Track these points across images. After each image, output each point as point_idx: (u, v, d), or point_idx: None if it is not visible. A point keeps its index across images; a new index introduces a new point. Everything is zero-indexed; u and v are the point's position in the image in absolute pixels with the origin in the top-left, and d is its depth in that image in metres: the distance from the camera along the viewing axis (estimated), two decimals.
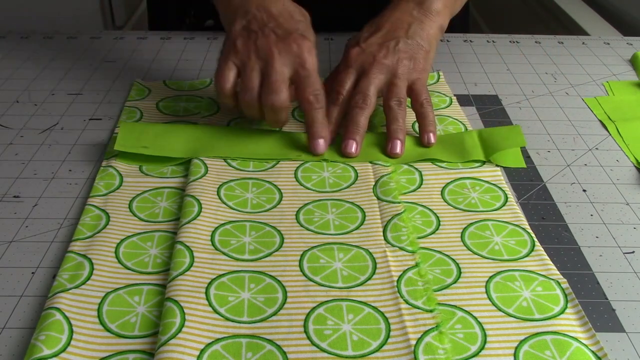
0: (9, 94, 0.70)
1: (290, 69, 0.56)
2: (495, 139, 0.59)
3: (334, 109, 0.60)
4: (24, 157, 0.58)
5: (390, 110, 0.59)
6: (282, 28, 0.57)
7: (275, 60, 0.55)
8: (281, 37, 0.56)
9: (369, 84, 0.59)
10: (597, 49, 0.84)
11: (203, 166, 0.55)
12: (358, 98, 0.59)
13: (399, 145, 0.58)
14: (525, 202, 0.53)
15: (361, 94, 0.59)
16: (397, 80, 0.60)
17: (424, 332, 0.40)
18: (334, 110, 0.60)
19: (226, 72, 0.56)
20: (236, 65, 0.56)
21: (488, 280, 0.44)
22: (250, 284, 0.44)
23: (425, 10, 0.64)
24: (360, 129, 0.58)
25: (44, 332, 0.39)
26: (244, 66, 0.56)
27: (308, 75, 0.56)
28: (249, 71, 0.55)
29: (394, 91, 0.60)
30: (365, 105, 0.58)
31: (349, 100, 0.60)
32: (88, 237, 0.47)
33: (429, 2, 0.65)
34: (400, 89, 0.60)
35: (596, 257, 0.47)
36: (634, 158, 0.59)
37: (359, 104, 0.58)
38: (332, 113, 0.59)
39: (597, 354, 0.39)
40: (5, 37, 0.84)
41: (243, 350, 0.39)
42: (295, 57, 0.55)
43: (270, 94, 0.55)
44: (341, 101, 0.60)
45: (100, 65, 0.76)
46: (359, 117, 0.58)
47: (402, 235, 0.48)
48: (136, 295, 0.43)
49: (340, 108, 0.60)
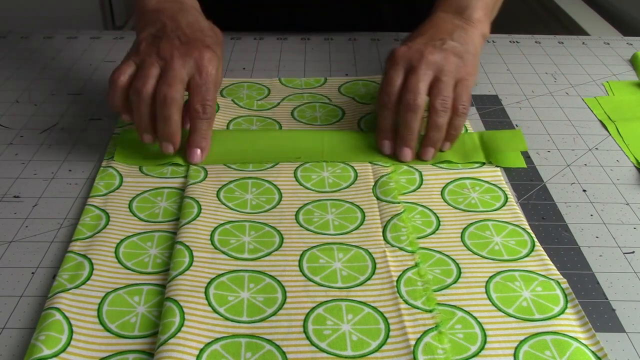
0: (9, 94, 0.70)
1: (188, 73, 0.54)
2: (496, 142, 0.59)
3: (388, 115, 0.58)
4: (24, 157, 0.58)
5: (435, 113, 0.56)
6: (188, 37, 0.56)
7: (174, 60, 0.54)
8: (184, 42, 0.55)
9: (417, 81, 0.56)
10: (597, 49, 0.83)
11: (202, 170, 0.55)
12: (409, 97, 0.56)
13: (431, 154, 0.57)
14: (525, 202, 0.53)
15: (412, 92, 0.56)
16: (444, 77, 0.57)
17: (423, 332, 0.40)
18: (388, 117, 0.58)
19: (123, 67, 0.55)
20: (135, 63, 0.55)
21: (488, 281, 0.44)
22: (249, 283, 0.44)
23: (466, 19, 0.63)
24: (415, 134, 0.56)
25: (44, 332, 0.39)
26: (143, 62, 0.55)
27: (203, 84, 0.54)
28: (147, 65, 0.54)
29: (440, 88, 0.57)
30: (417, 106, 0.56)
31: (398, 100, 0.57)
32: (88, 237, 0.47)
33: (469, 11, 0.64)
34: (447, 85, 0.57)
35: (596, 257, 0.47)
36: (634, 158, 0.59)
37: (411, 105, 0.56)
38: (387, 120, 0.58)
39: (597, 354, 0.39)
40: (5, 37, 0.84)
41: (242, 350, 0.39)
42: (194, 62, 0.54)
43: (164, 85, 0.53)
44: (393, 103, 0.57)
45: (100, 65, 0.76)
46: (412, 122, 0.56)
47: (401, 236, 0.48)
48: (136, 295, 0.43)
49: (393, 113, 0.57)
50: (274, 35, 0.85)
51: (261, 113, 0.65)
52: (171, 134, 0.54)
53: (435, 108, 0.56)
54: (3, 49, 0.81)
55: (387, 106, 0.57)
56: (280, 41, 0.83)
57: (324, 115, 0.65)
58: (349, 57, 0.79)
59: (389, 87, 0.57)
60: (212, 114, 0.56)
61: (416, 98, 0.56)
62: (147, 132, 0.55)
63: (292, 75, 0.74)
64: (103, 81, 0.72)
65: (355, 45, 0.82)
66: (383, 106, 0.58)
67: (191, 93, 0.55)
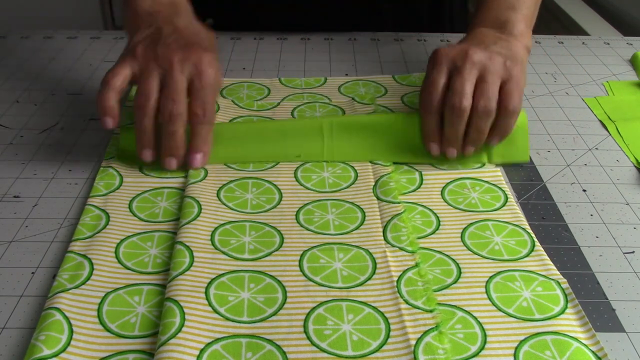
0: (9, 94, 0.70)
1: (187, 78, 0.53)
2: (501, 146, 0.58)
3: (432, 119, 0.56)
4: (24, 157, 0.58)
5: (476, 115, 0.54)
6: (185, 39, 0.56)
7: (174, 68, 0.53)
8: (182, 46, 0.54)
9: (463, 82, 0.54)
10: (597, 49, 0.83)
11: (202, 169, 0.55)
12: (455, 100, 0.54)
13: (471, 151, 0.56)
14: (525, 202, 0.53)
15: (457, 95, 0.54)
16: (489, 77, 0.54)
17: (423, 332, 0.40)
18: (432, 121, 0.56)
19: (117, 69, 0.54)
20: (132, 69, 0.54)
21: (488, 280, 0.44)
22: (250, 283, 0.44)
23: (508, 35, 0.60)
24: (460, 135, 0.55)
25: (44, 332, 0.39)
26: (142, 71, 0.54)
27: (202, 87, 0.53)
28: (146, 76, 0.53)
29: (484, 89, 0.54)
30: (463, 110, 0.54)
31: (443, 102, 0.55)
32: (88, 237, 0.47)
33: (510, 26, 0.60)
34: (492, 86, 0.54)
35: (596, 257, 0.47)
36: (634, 158, 0.59)
37: (457, 109, 0.54)
38: (431, 124, 0.56)
39: (597, 354, 0.39)
40: (5, 37, 0.84)
41: (243, 350, 0.39)
42: (194, 66, 0.53)
43: (169, 101, 0.52)
44: (436, 107, 0.55)
45: (100, 65, 0.76)
46: (458, 125, 0.54)
47: (402, 236, 0.48)
48: (136, 295, 0.43)
49: (438, 116, 0.56)
50: (274, 35, 0.85)
51: (261, 113, 0.65)
52: (176, 148, 0.54)
53: (478, 111, 0.54)
54: (3, 49, 0.81)
55: (431, 110, 0.55)
56: (280, 41, 0.83)
57: (324, 115, 0.65)
58: (349, 57, 0.79)
59: (433, 89, 0.55)
60: (212, 117, 0.54)
61: (462, 101, 0.54)
62: (148, 149, 0.54)
63: (292, 75, 0.74)
64: None
65: (355, 45, 0.82)
66: (427, 110, 0.56)
67: (192, 97, 0.54)
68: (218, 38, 0.83)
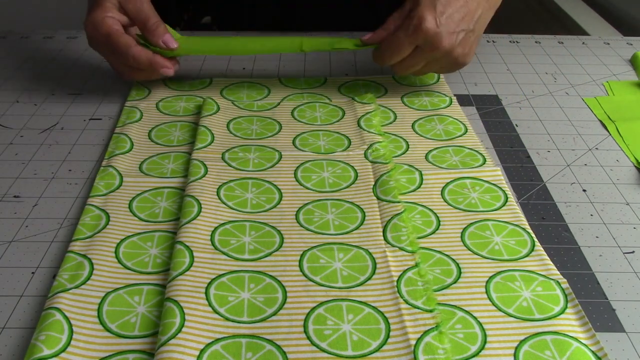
0: (9, 94, 0.70)
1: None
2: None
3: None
4: (24, 157, 0.58)
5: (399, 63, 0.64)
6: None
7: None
8: None
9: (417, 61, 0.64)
10: (597, 49, 0.84)
11: (203, 167, 0.55)
12: (399, 69, 0.64)
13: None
14: (525, 202, 0.53)
15: (408, 67, 0.64)
16: (435, 65, 0.64)
17: (423, 332, 0.40)
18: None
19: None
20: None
21: (488, 280, 0.44)
22: (250, 284, 0.44)
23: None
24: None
25: (44, 332, 0.39)
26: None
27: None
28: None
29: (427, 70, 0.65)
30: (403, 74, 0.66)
31: None
32: (88, 237, 0.47)
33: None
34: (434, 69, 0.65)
35: (596, 257, 0.47)
36: (634, 158, 0.59)
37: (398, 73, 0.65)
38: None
39: (597, 354, 0.39)
40: (5, 37, 0.84)
41: (243, 350, 0.39)
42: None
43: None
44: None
45: (100, 65, 0.76)
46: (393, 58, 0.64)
47: (402, 236, 0.48)
48: (136, 295, 0.43)
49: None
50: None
51: (261, 113, 0.65)
52: (149, 64, 0.64)
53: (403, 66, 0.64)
54: (3, 49, 0.81)
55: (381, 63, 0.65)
56: None
57: (324, 115, 0.65)
58: (349, 57, 0.79)
59: (397, 53, 0.62)
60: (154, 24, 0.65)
61: (405, 71, 0.64)
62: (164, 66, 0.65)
63: (292, 75, 0.74)
64: (103, 81, 0.72)
65: None
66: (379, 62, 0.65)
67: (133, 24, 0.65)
68: None
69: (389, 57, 0.63)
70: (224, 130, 0.62)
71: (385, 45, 0.63)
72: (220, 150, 0.58)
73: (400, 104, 0.68)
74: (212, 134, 0.60)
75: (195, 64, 0.77)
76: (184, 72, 0.75)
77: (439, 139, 0.61)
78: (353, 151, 0.59)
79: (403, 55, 0.62)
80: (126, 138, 0.60)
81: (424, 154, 0.59)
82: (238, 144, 0.60)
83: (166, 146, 0.60)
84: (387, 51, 0.63)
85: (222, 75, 0.74)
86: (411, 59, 0.63)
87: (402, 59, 0.63)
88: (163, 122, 0.64)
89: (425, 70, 0.65)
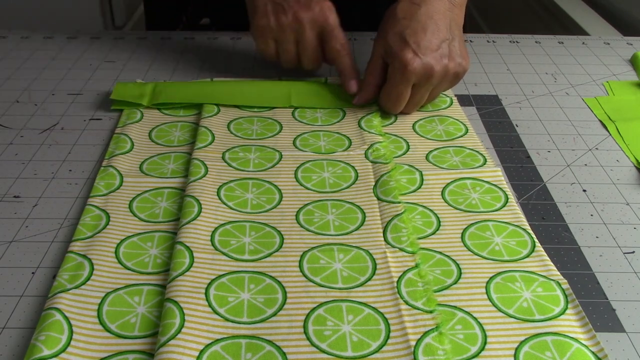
0: (9, 94, 0.70)
1: (318, 29, 0.66)
2: None
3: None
4: (24, 157, 0.58)
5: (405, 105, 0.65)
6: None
7: (305, 30, 0.65)
8: (303, 4, 0.66)
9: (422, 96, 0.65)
10: (597, 49, 0.84)
11: (203, 167, 0.55)
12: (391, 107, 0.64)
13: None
14: (525, 202, 0.53)
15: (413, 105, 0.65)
16: (436, 89, 0.64)
17: (423, 333, 0.40)
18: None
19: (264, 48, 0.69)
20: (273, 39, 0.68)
21: (488, 281, 0.44)
22: (250, 284, 0.44)
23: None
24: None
25: (44, 332, 0.39)
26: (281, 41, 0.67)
27: (332, 29, 0.66)
28: (285, 45, 0.67)
29: (421, 98, 0.65)
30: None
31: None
32: (88, 237, 0.47)
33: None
34: (431, 93, 0.65)
35: (596, 257, 0.47)
36: (634, 158, 0.59)
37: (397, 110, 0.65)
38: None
39: (597, 355, 0.39)
40: (6, 37, 0.84)
41: (243, 350, 0.39)
42: (318, 16, 0.65)
43: (307, 59, 0.68)
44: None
45: (100, 65, 0.76)
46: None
47: (402, 236, 0.48)
48: (136, 296, 0.43)
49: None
50: None
51: (262, 114, 0.65)
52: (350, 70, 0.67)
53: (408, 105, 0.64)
54: (3, 49, 0.81)
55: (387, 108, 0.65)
56: None
57: (324, 115, 0.65)
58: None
59: (400, 101, 0.63)
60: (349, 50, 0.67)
61: (413, 110, 0.66)
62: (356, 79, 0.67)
63: (293, 76, 0.74)
64: (103, 81, 0.72)
65: (355, 45, 0.82)
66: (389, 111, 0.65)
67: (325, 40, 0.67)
68: (218, 38, 0.84)
69: (395, 107, 0.64)
70: (225, 131, 0.62)
71: (385, 100, 0.64)
72: (221, 150, 0.58)
73: None
74: (212, 134, 0.60)
75: (196, 64, 0.77)
76: (184, 72, 0.75)
77: (440, 140, 0.61)
78: (354, 151, 0.59)
79: (406, 99, 0.63)
80: (126, 138, 0.60)
81: (424, 155, 0.59)
82: (238, 144, 0.60)
83: (166, 146, 0.60)
84: (389, 103, 0.64)
85: (222, 75, 0.74)
86: (414, 96, 0.63)
87: (415, 104, 0.64)
88: (163, 122, 0.64)
89: (433, 96, 0.65)
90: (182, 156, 0.58)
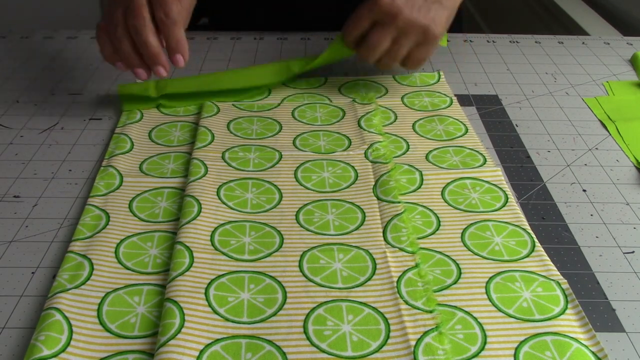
0: (9, 94, 0.70)
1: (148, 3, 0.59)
2: None
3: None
4: (24, 157, 0.58)
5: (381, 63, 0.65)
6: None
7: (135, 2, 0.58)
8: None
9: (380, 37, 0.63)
10: (597, 49, 0.83)
11: (203, 166, 0.55)
12: (365, 54, 0.64)
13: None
14: (525, 202, 0.53)
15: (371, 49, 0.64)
16: (403, 39, 0.63)
17: (423, 333, 0.40)
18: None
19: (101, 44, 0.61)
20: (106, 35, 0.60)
21: (488, 281, 0.44)
22: (250, 284, 0.44)
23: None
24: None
25: (43, 332, 0.39)
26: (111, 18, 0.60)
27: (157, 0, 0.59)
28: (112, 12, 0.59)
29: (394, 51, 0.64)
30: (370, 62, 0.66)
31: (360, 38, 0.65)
32: (88, 237, 0.47)
33: None
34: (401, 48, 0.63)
35: (596, 257, 0.47)
36: (634, 158, 0.59)
37: (366, 60, 0.65)
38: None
39: (597, 355, 0.39)
40: (5, 37, 0.84)
41: (242, 350, 0.39)
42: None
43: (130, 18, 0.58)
44: (352, 42, 0.65)
45: (100, 65, 0.76)
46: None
47: (402, 236, 0.48)
48: (136, 296, 0.43)
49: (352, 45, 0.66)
50: (274, 35, 0.84)
51: (262, 113, 0.65)
52: (155, 55, 0.58)
53: (381, 63, 0.65)
54: (3, 49, 0.81)
55: (348, 43, 0.66)
56: (281, 41, 0.83)
57: (324, 115, 0.65)
58: (348, 57, 0.79)
59: (356, 28, 0.63)
60: (176, 17, 0.59)
61: (371, 57, 0.64)
62: (138, 68, 0.59)
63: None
64: (103, 81, 0.72)
65: None
66: (346, 38, 0.65)
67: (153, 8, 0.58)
68: (218, 38, 0.84)
69: (368, 52, 0.63)
70: (224, 130, 0.62)
71: (347, 23, 0.64)
72: (221, 149, 0.58)
73: (400, 104, 0.68)
74: (212, 133, 0.60)
75: (195, 64, 0.77)
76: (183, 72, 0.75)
77: (440, 139, 0.61)
78: (353, 151, 0.59)
79: (363, 29, 0.63)
80: (126, 138, 0.60)
81: (424, 154, 0.59)
82: (238, 143, 0.60)
83: (166, 146, 0.60)
84: (347, 27, 0.64)
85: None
86: (378, 38, 0.62)
87: (374, 46, 0.63)
88: (163, 122, 0.64)
89: (409, 58, 0.64)
90: (182, 156, 0.58)
